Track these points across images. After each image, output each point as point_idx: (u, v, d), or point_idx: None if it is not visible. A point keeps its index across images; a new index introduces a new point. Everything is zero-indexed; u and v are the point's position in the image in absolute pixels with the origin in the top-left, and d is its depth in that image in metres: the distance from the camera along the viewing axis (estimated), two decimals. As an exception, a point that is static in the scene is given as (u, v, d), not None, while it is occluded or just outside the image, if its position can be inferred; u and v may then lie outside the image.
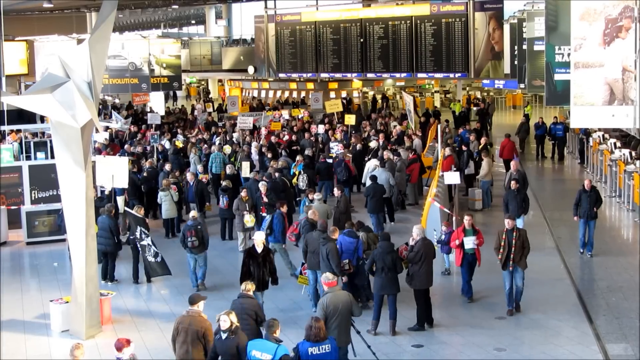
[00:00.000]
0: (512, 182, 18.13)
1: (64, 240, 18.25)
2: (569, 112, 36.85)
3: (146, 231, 15.74)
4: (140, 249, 15.68)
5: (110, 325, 13.80)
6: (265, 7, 44.66)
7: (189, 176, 20.32)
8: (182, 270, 17.13)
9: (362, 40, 39.28)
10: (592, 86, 12.22)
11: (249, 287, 11.18)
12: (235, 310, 10.35)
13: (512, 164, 20.31)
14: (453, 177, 18.75)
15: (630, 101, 12.06)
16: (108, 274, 16.35)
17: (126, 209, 16.47)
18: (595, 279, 15.76)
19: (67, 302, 13.70)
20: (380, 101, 46.03)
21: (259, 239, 13.60)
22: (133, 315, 14.43)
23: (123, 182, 17.97)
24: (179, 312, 14.44)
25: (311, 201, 17.45)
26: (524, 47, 27.03)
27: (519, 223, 16.61)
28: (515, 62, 31.05)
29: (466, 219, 14.65)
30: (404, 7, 38.56)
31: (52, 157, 20.42)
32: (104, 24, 13.17)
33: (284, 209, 16.77)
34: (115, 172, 17.57)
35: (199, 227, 15.74)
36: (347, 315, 10.63)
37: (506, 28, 33.74)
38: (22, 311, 14.69)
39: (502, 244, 13.65)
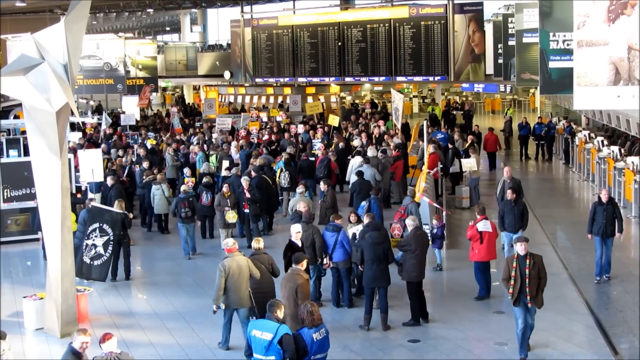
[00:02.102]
0: (509, 192, 15.41)
1: (37, 239, 17.64)
2: (551, 114, 37.06)
3: (108, 229, 14.76)
4: (79, 245, 14.50)
5: (88, 323, 12.98)
6: (242, 11, 44.06)
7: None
8: (164, 267, 16.61)
9: (340, 44, 38.77)
10: (596, 66, 11.61)
11: (260, 245, 12.18)
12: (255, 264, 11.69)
13: (506, 170, 17.43)
14: (470, 163, 18.43)
15: (636, 81, 11.49)
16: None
17: (90, 202, 15.68)
18: (593, 273, 15.17)
19: (42, 298, 12.92)
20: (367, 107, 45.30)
21: (295, 231, 12.99)
22: (112, 313, 13.67)
23: (99, 176, 17.67)
24: (160, 310, 13.83)
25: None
26: (510, 43, 26.67)
27: (506, 239, 15.48)
28: (500, 60, 30.68)
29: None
30: (382, 10, 38.14)
31: (26, 154, 19.64)
32: (80, 4, 12.42)
33: (379, 195, 16.49)
34: (94, 166, 17.19)
35: (191, 199, 16.98)
36: (245, 277, 11.54)
37: (488, 27, 33.38)
38: (-7, 310, 13.89)
39: (513, 274, 10.98)
